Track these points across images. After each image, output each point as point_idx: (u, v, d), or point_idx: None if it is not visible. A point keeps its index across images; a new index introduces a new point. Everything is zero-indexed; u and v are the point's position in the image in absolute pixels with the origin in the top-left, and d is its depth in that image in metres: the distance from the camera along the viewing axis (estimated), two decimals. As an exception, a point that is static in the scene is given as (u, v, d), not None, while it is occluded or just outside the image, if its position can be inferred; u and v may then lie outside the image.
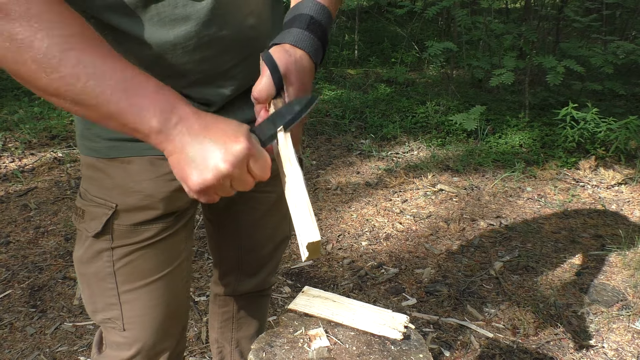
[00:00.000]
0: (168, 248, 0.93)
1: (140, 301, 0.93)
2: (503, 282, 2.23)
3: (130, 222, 0.88)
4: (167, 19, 0.75)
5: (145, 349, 0.97)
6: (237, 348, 1.36)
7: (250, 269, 1.22)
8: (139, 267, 0.91)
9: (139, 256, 0.90)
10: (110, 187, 0.87)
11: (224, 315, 1.33)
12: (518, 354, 1.84)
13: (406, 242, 2.54)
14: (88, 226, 0.88)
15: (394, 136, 3.91)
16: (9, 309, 2.00)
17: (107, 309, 0.94)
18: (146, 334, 0.96)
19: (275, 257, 1.23)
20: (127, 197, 0.86)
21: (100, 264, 0.90)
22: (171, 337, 1.02)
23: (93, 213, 0.88)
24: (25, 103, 4.22)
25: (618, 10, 4.97)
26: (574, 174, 3.31)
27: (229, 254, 1.20)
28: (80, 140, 0.89)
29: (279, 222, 1.16)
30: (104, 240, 0.88)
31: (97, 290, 0.93)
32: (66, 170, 3.19)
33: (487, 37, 4.39)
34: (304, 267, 2.32)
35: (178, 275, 0.98)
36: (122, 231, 0.88)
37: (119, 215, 0.87)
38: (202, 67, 0.81)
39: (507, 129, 3.88)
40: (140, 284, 0.92)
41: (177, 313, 1.02)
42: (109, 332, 0.98)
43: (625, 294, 2.16)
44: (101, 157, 0.86)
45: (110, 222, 0.87)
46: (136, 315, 0.94)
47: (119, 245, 0.89)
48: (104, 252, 0.89)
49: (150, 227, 0.89)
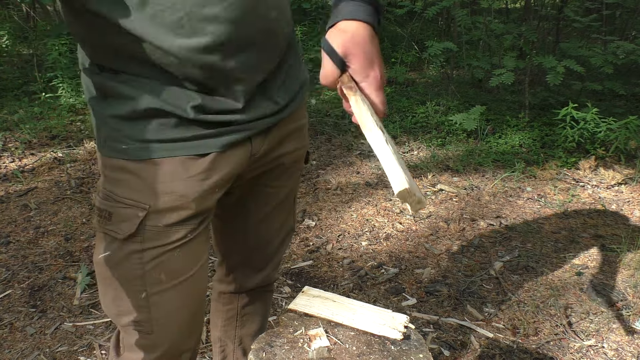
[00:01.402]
0: (194, 249, 0.93)
1: (168, 303, 0.93)
2: (503, 282, 2.23)
3: (162, 224, 0.87)
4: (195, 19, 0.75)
5: (171, 349, 0.97)
6: (240, 345, 1.37)
7: (257, 264, 1.23)
8: (168, 268, 0.90)
9: (168, 258, 0.90)
10: (141, 189, 0.86)
11: (228, 312, 1.33)
12: (518, 354, 1.84)
13: (406, 242, 2.54)
14: (117, 228, 0.87)
15: (394, 136, 3.91)
16: (9, 309, 2.00)
17: (133, 311, 0.92)
18: (173, 334, 0.96)
19: (280, 251, 1.24)
20: (159, 198, 0.86)
21: (129, 266, 0.89)
22: (194, 336, 1.03)
23: (123, 215, 0.86)
24: (25, 103, 4.22)
25: (618, 10, 4.97)
26: (574, 174, 3.31)
27: (236, 250, 1.20)
28: (105, 143, 0.87)
29: (287, 216, 1.17)
30: (135, 242, 0.87)
31: (123, 293, 0.92)
32: (66, 170, 3.19)
33: (487, 37, 4.39)
34: (304, 267, 2.32)
35: (201, 275, 0.98)
36: (154, 233, 0.87)
37: (151, 216, 0.86)
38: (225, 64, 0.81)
39: (507, 129, 3.88)
40: (168, 286, 0.91)
41: (199, 312, 1.02)
42: (130, 335, 0.97)
43: (625, 294, 2.16)
44: (130, 159, 0.85)
45: (143, 224, 0.86)
46: (164, 316, 0.93)
47: (149, 247, 0.88)
48: (134, 255, 0.88)
49: (180, 228, 0.89)
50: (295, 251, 2.44)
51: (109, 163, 0.88)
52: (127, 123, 0.83)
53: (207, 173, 0.87)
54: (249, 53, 0.82)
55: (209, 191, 0.89)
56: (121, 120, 0.83)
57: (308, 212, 2.80)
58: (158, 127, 0.83)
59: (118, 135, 0.85)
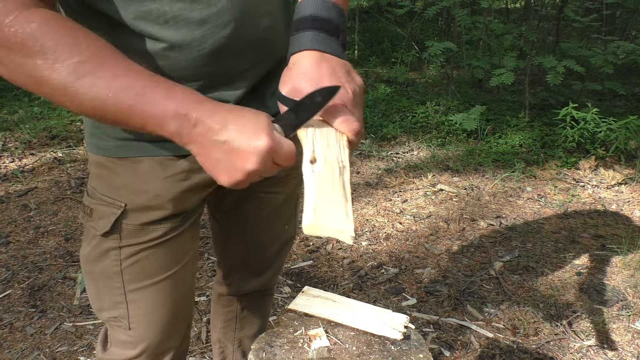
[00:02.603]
0: (175, 248, 0.93)
1: (146, 300, 0.93)
2: (503, 282, 2.23)
3: (138, 222, 0.88)
4: (184, 22, 0.75)
5: (151, 347, 0.97)
6: (239, 347, 1.37)
7: (255, 269, 1.22)
8: (146, 266, 0.91)
9: (146, 255, 0.90)
10: (119, 186, 0.87)
11: (227, 315, 1.33)
12: (518, 354, 1.84)
13: (406, 242, 2.54)
14: (96, 225, 0.88)
15: (394, 136, 3.91)
16: (9, 309, 2.00)
17: (113, 307, 0.94)
18: (152, 333, 0.96)
19: (280, 258, 1.23)
20: (136, 197, 0.86)
21: (107, 263, 0.90)
22: (176, 336, 1.03)
23: (102, 212, 0.88)
24: (25, 103, 4.22)
25: (618, 10, 4.97)
26: (574, 174, 3.31)
27: (234, 253, 1.20)
28: (89, 139, 0.89)
29: (285, 222, 1.16)
30: (112, 239, 0.88)
31: (103, 289, 0.93)
32: (66, 170, 3.19)
33: (487, 37, 4.39)
34: (304, 267, 2.33)
35: (184, 275, 0.98)
36: (131, 230, 0.88)
37: (128, 214, 0.87)
38: (217, 69, 0.81)
39: (507, 129, 3.88)
40: (146, 283, 0.92)
41: (183, 312, 1.02)
42: (114, 330, 0.98)
43: (625, 294, 2.16)
44: (110, 156, 0.86)
45: (119, 222, 0.87)
46: (142, 314, 0.94)
47: (126, 244, 0.89)
48: (112, 251, 0.89)
49: (158, 227, 0.89)
50: (295, 251, 2.44)
51: (92, 159, 0.89)
52: None
53: (186, 174, 0.87)
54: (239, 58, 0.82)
55: (188, 192, 0.89)
56: None
57: (308, 212, 2.80)
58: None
59: (99, 132, 0.86)
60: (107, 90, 0.64)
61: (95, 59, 0.65)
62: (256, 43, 0.83)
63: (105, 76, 0.64)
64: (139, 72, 0.67)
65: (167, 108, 0.65)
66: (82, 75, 0.63)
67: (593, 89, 4.17)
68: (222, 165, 0.66)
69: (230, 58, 0.81)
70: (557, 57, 3.91)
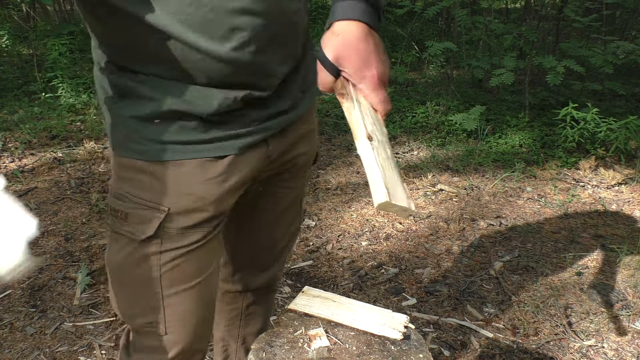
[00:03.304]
0: (209, 251, 0.93)
1: (183, 304, 0.92)
2: (503, 282, 2.23)
3: (181, 226, 0.87)
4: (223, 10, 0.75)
5: (184, 351, 0.97)
6: (243, 345, 1.37)
7: (264, 264, 1.23)
8: (183, 270, 0.90)
9: (184, 260, 0.89)
10: (160, 190, 0.85)
11: (232, 312, 1.33)
12: (518, 354, 1.84)
13: (406, 242, 2.54)
14: (135, 229, 0.86)
15: (394, 136, 3.91)
16: (9, 309, 2.00)
17: (148, 313, 0.92)
18: (186, 336, 0.96)
19: (286, 251, 1.24)
20: (179, 200, 0.85)
21: (146, 268, 0.88)
22: (205, 337, 1.03)
23: (141, 216, 0.85)
24: (25, 103, 4.22)
25: (618, 10, 4.97)
26: (574, 174, 3.31)
27: (244, 250, 1.20)
28: (120, 142, 0.86)
29: (295, 216, 1.17)
30: (154, 244, 0.86)
31: (138, 294, 0.92)
32: (66, 170, 3.19)
33: (487, 37, 4.39)
34: (304, 267, 2.32)
35: (214, 278, 0.98)
36: (172, 235, 0.87)
37: (171, 218, 0.85)
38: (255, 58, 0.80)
39: (507, 129, 3.88)
40: (183, 287, 0.91)
41: (211, 314, 1.03)
42: (144, 336, 0.96)
43: (625, 294, 2.16)
44: (149, 160, 0.84)
45: (162, 226, 0.85)
46: (178, 318, 0.93)
47: (167, 249, 0.87)
48: (152, 256, 0.87)
49: (198, 230, 0.89)
50: (295, 251, 2.44)
51: (124, 163, 0.87)
52: (147, 124, 0.83)
53: (225, 175, 0.87)
54: (276, 47, 0.82)
55: (226, 193, 0.89)
56: (140, 121, 0.83)
57: (308, 212, 2.80)
58: (178, 129, 0.83)
59: (136, 136, 0.84)
60: None
61: None
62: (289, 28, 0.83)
63: None
64: None
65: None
66: None
67: (593, 89, 4.17)
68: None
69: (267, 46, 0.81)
70: (557, 57, 3.91)
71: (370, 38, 0.77)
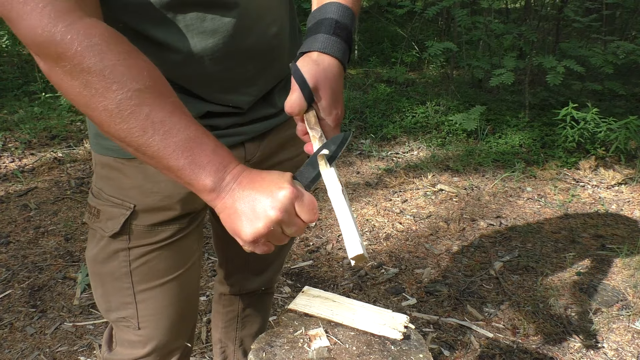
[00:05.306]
0: (182, 249, 0.94)
1: (155, 300, 0.94)
2: (503, 282, 2.23)
3: (147, 223, 0.88)
4: (196, 31, 0.76)
5: (160, 347, 0.98)
6: (240, 347, 1.37)
7: (257, 268, 1.23)
8: (154, 267, 0.91)
9: (155, 256, 0.90)
10: (128, 187, 0.86)
11: (229, 314, 1.33)
12: (518, 354, 1.84)
13: (406, 242, 2.54)
14: (104, 226, 0.88)
15: (394, 136, 3.91)
16: (9, 309, 2.00)
17: (121, 307, 0.94)
18: (160, 332, 0.97)
19: (281, 256, 1.24)
20: (145, 198, 0.86)
21: (116, 264, 0.90)
22: (184, 335, 1.03)
23: (110, 213, 0.87)
24: (25, 103, 4.22)
25: (618, 10, 4.97)
26: (574, 174, 3.31)
27: (235, 254, 1.20)
28: (95, 139, 0.88)
29: None
30: (121, 241, 0.88)
31: (112, 290, 0.93)
32: (66, 170, 3.19)
33: (487, 37, 4.39)
34: (304, 267, 2.32)
35: (190, 276, 0.99)
36: (140, 231, 0.88)
37: (137, 215, 0.87)
38: (228, 75, 0.82)
39: (507, 129, 3.88)
40: (155, 284, 0.92)
41: (189, 312, 1.03)
42: (122, 331, 0.98)
43: (625, 294, 2.16)
44: (118, 157, 0.86)
45: (128, 222, 0.87)
46: (151, 314, 0.94)
47: (135, 245, 0.89)
48: (121, 252, 0.89)
49: (167, 228, 0.89)
50: (295, 251, 2.44)
51: (99, 160, 0.89)
52: None
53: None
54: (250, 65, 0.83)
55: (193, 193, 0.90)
56: None
57: (308, 212, 2.80)
58: None
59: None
60: (160, 126, 0.63)
61: (154, 91, 0.63)
62: (265, 50, 0.84)
63: (163, 111, 0.63)
64: (193, 120, 0.67)
65: (213, 160, 0.66)
66: (139, 103, 0.62)
67: (593, 89, 4.17)
68: (245, 217, 0.66)
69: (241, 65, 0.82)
70: (557, 57, 3.91)
71: (342, 79, 0.79)
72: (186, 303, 1.00)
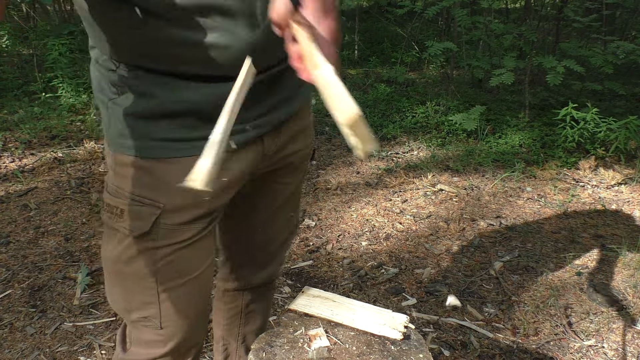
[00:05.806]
0: (204, 247, 0.94)
1: (178, 299, 0.94)
2: (503, 282, 2.23)
3: (175, 222, 0.87)
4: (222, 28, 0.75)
5: (180, 345, 0.98)
6: (243, 343, 1.37)
7: (263, 261, 1.24)
8: (178, 266, 0.91)
9: (179, 256, 0.90)
10: (155, 187, 0.85)
11: (231, 311, 1.33)
12: (518, 354, 1.84)
13: (406, 242, 2.54)
14: (131, 225, 0.87)
15: (394, 136, 3.91)
16: (9, 309, 2.00)
17: (143, 307, 0.93)
18: (182, 330, 0.97)
19: (284, 247, 1.25)
20: (175, 197, 0.86)
21: (141, 263, 0.89)
22: (201, 332, 1.05)
23: (137, 212, 0.86)
24: (25, 103, 4.22)
25: (618, 10, 4.97)
26: (574, 174, 3.31)
27: (242, 248, 1.21)
28: (117, 139, 0.86)
29: (292, 212, 1.18)
30: (148, 240, 0.87)
31: (134, 289, 0.93)
32: (66, 170, 3.19)
33: (487, 37, 4.39)
34: (304, 267, 2.32)
35: (209, 273, 1.00)
36: (167, 231, 0.88)
37: (165, 214, 0.86)
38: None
39: (507, 129, 3.88)
40: (178, 283, 0.93)
41: (207, 309, 1.04)
42: (140, 331, 0.98)
43: (625, 294, 2.16)
44: (146, 157, 0.85)
45: (157, 222, 0.86)
46: (173, 313, 0.94)
47: (162, 244, 0.88)
48: (148, 252, 0.88)
49: (191, 227, 0.90)
50: (295, 251, 2.44)
51: (121, 160, 0.87)
52: (144, 121, 0.83)
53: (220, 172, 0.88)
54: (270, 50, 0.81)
55: (221, 190, 0.90)
56: (137, 118, 0.83)
57: (308, 212, 2.80)
58: (174, 126, 0.83)
59: (133, 133, 0.84)
60: None
61: None
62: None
63: None
64: None
65: None
66: None
67: (593, 89, 4.17)
68: None
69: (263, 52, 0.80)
70: (557, 57, 3.91)
71: None
72: (205, 300, 1.01)
